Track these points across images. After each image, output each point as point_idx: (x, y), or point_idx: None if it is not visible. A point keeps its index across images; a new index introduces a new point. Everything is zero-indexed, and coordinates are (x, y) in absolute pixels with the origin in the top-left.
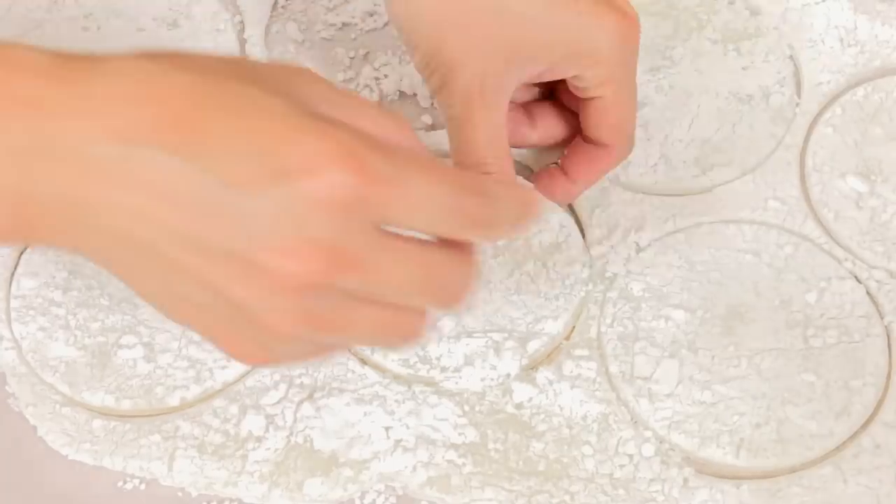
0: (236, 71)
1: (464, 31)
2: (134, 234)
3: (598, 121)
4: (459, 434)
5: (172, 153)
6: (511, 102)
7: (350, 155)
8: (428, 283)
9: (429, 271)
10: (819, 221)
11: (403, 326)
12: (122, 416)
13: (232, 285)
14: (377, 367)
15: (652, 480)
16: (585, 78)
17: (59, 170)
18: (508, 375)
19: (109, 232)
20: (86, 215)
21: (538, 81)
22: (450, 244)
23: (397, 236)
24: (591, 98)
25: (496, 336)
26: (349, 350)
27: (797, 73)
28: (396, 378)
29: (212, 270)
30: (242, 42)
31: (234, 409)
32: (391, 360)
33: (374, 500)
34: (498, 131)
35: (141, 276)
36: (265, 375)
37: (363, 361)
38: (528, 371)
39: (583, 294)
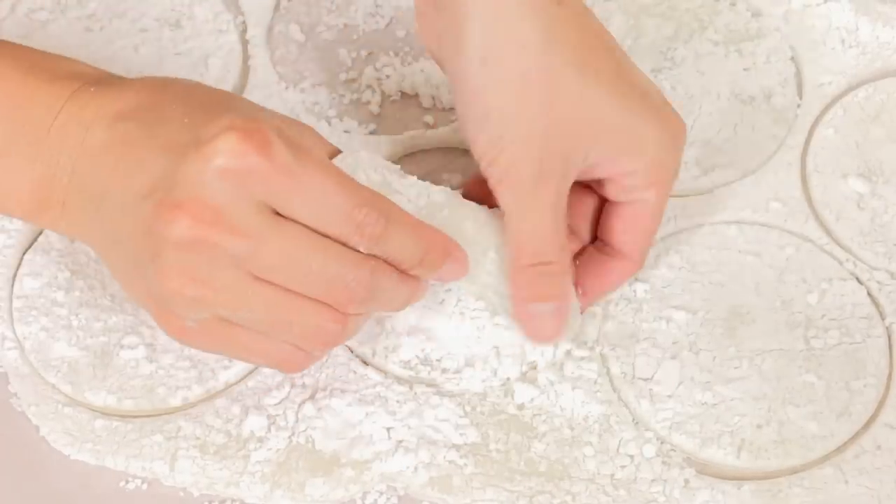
0: (216, 90)
1: (525, 125)
2: (105, 194)
3: (629, 226)
4: (461, 435)
5: (139, 125)
6: None
7: (257, 135)
8: (322, 273)
9: (324, 261)
10: (820, 222)
11: (307, 319)
12: (124, 416)
13: (134, 236)
14: (379, 369)
15: (653, 481)
16: (637, 174)
17: (67, 150)
18: (509, 379)
19: (92, 197)
20: (81, 187)
21: (592, 177)
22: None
23: (294, 223)
24: (632, 201)
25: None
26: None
27: (798, 75)
28: (398, 380)
29: (128, 223)
30: (245, 43)
31: (236, 410)
32: (392, 361)
33: (375, 501)
34: (559, 222)
35: (106, 237)
36: (268, 376)
37: (364, 362)
38: (530, 372)
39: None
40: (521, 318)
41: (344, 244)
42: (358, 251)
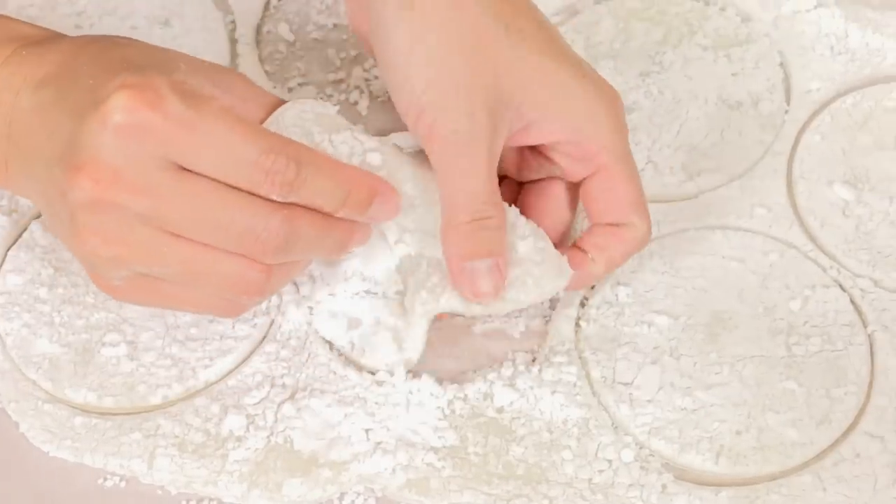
0: (131, 43)
1: (448, 75)
2: (32, 161)
3: (605, 198)
4: (439, 437)
5: (55, 90)
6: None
7: (148, 90)
8: (231, 226)
9: (231, 214)
10: (805, 229)
11: (225, 270)
12: (104, 414)
13: (55, 199)
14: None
15: (630, 486)
16: (581, 143)
17: (2, 116)
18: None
19: (25, 162)
20: (16, 152)
21: (530, 142)
22: (260, 198)
23: (199, 177)
24: (593, 173)
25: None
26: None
27: (787, 80)
28: (377, 382)
29: (49, 187)
30: (233, 42)
31: (215, 409)
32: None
33: (352, 502)
34: (493, 176)
35: (40, 201)
36: (248, 376)
37: (346, 361)
38: (510, 375)
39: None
40: (457, 277)
41: (255, 194)
42: (272, 200)
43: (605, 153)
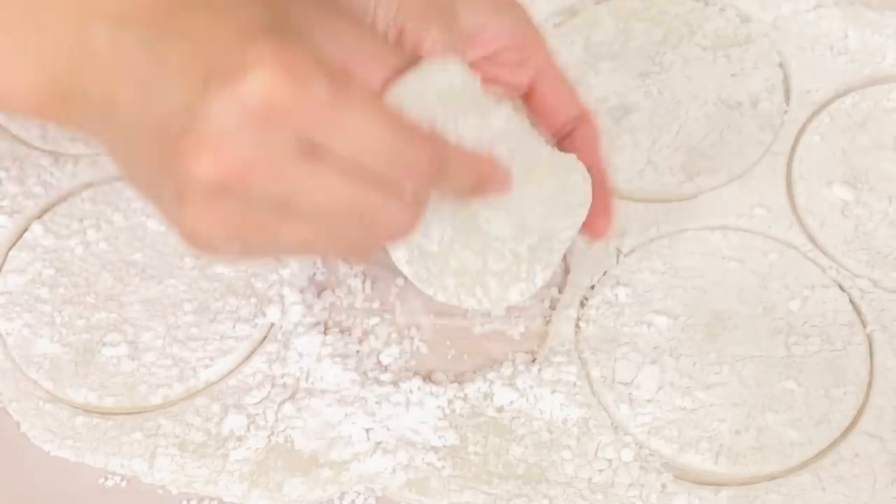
0: None
1: None
2: (112, 109)
3: (556, 95)
4: (439, 437)
5: (149, 39)
6: None
7: (288, 66)
8: (361, 216)
9: (363, 205)
10: (804, 229)
11: (344, 247)
12: (105, 414)
13: (152, 166)
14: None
15: (630, 485)
16: (522, 46)
17: (64, 53)
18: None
19: (98, 107)
20: (83, 95)
21: (472, 56)
22: (390, 183)
23: (330, 161)
24: (536, 77)
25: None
26: None
27: (786, 81)
28: (378, 381)
29: (154, 155)
30: None
31: (216, 408)
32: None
33: (353, 501)
34: None
35: (117, 150)
36: (248, 375)
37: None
38: (510, 375)
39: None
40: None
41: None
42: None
43: (542, 50)
